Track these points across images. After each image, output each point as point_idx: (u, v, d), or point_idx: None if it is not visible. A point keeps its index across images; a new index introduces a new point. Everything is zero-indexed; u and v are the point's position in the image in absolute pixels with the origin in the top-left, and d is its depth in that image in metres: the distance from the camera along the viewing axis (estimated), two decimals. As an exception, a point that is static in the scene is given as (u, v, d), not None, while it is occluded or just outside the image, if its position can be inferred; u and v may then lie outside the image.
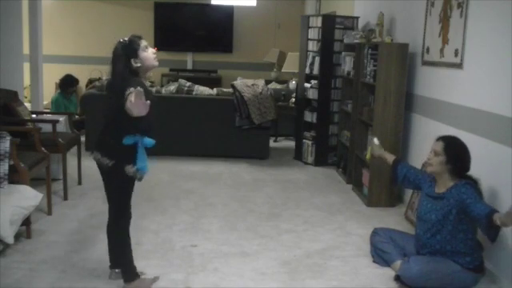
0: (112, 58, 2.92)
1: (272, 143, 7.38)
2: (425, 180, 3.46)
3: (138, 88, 2.67)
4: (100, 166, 3.00)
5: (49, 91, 7.83)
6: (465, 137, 3.45)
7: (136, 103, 2.57)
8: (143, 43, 2.94)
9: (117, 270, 3.18)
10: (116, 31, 9.83)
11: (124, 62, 2.88)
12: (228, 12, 10.06)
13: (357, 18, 6.44)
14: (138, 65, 2.91)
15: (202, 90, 6.59)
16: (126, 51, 2.89)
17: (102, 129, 3.03)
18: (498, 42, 3.45)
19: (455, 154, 3.21)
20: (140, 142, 2.92)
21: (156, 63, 2.99)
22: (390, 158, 3.87)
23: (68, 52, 9.99)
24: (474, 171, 3.29)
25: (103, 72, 9.57)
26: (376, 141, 4.00)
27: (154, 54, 2.98)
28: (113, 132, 2.93)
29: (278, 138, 7.95)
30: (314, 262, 3.60)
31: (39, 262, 3.41)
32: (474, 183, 3.20)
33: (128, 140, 2.88)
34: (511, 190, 3.25)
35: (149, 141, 2.94)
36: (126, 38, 2.94)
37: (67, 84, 7.66)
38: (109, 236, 3.15)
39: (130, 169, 2.93)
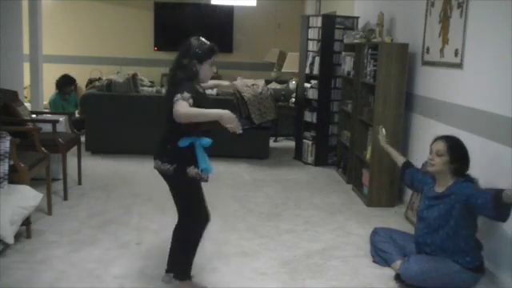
0: (180, 51, 2.88)
1: (272, 143, 7.38)
2: (426, 182, 3.46)
3: (185, 94, 2.68)
4: (163, 174, 2.96)
5: (49, 91, 7.81)
6: (465, 137, 3.44)
7: (181, 113, 2.62)
8: (214, 58, 2.92)
9: (172, 275, 3.13)
10: (116, 31, 9.88)
11: (191, 59, 2.85)
12: (228, 12, 10.06)
13: (357, 18, 6.44)
14: (197, 70, 2.87)
15: (202, 90, 6.58)
16: (197, 51, 2.87)
17: (161, 135, 2.97)
18: (498, 42, 3.45)
19: (459, 153, 3.23)
20: (197, 143, 2.87)
21: (207, 82, 2.98)
22: (398, 158, 3.90)
23: (68, 52, 9.99)
24: (473, 171, 3.29)
25: (103, 72, 9.60)
26: (383, 131, 4.07)
27: (213, 73, 2.94)
28: (170, 136, 2.89)
29: (278, 138, 7.95)
30: (314, 262, 3.60)
31: (39, 262, 3.41)
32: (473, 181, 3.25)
33: (183, 142, 2.83)
34: (511, 190, 3.26)
35: (205, 141, 2.89)
36: (205, 40, 2.92)
37: (64, 83, 7.65)
38: (174, 238, 3.10)
39: (192, 170, 2.87)
